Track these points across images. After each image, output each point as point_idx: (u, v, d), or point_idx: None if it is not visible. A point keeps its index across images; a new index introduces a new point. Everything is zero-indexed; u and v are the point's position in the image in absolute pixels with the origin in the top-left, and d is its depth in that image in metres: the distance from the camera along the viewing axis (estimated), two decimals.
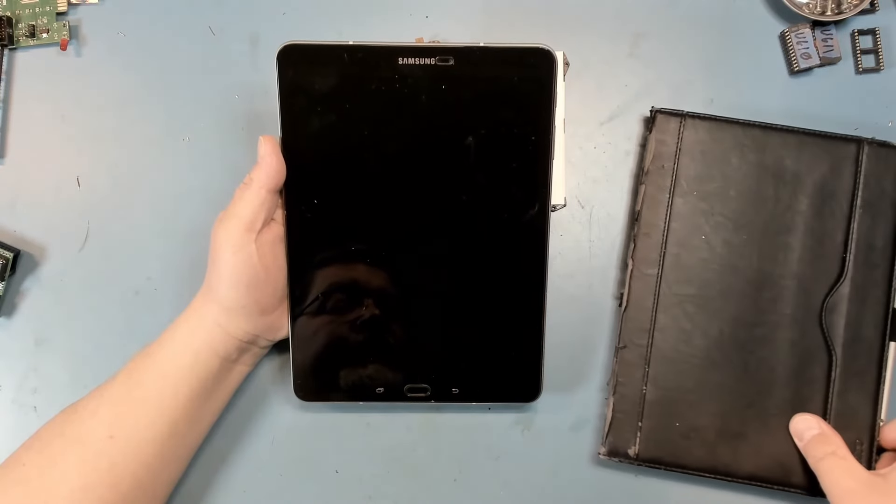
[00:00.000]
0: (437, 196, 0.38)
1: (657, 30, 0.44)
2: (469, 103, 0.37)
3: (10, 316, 0.44)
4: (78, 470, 0.36)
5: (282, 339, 0.40)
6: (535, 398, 0.40)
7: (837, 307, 0.40)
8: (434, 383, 0.40)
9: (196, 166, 0.44)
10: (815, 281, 0.40)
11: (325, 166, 0.38)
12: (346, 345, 0.39)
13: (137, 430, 0.37)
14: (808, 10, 0.43)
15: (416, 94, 0.37)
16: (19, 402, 0.43)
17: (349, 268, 0.39)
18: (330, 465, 0.43)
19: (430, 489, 0.43)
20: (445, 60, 0.36)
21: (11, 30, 0.44)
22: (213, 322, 0.37)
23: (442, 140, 0.37)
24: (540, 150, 0.37)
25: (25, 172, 0.44)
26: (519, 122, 0.37)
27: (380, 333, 0.39)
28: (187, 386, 0.37)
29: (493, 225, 0.38)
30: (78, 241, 0.44)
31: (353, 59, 0.36)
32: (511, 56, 0.36)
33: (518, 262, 0.39)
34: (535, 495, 0.43)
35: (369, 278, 0.39)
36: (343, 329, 0.39)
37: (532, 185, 0.38)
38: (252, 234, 0.36)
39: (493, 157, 0.37)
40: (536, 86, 0.36)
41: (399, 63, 0.36)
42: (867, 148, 0.40)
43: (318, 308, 0.39)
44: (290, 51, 0.36)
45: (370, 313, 0.39)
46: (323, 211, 0.38)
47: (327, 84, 0.37)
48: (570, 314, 0.43)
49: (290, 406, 0.43)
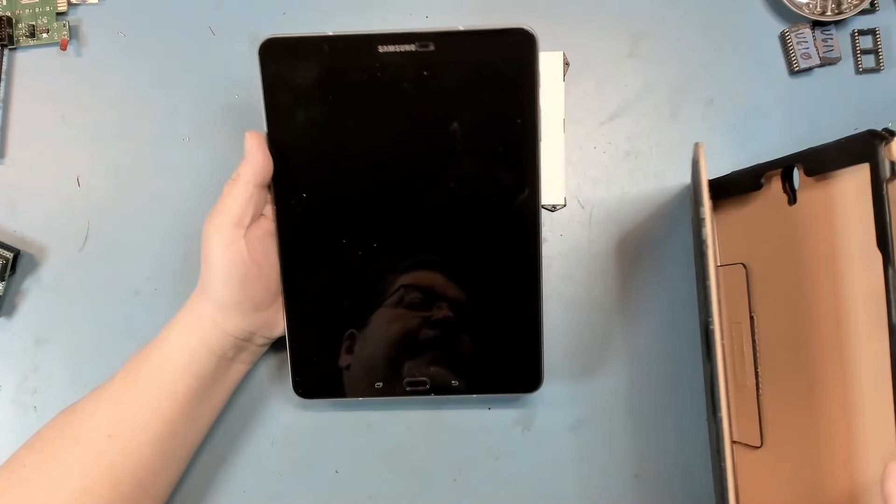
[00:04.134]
0: (425, 184, 0.38)
1: (657, 30, 0.44)
2: (452, 88, 0.36)
3: (10, 316, 0.44)
4: (78, 470, 0.36)
5: (280, 338, 0.40)
6: (536, 388, 0.40)
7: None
8: (433, 376, 0.40)
9: (196, 166, 0.44)
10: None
11: (312, 159, 0.38)
12: (343, 340, 0.39)
13: (136, 429, 0.37)
14: (808, 10, 0.43)
15: (398, 81, 0.36)
16: (19, 402, 0.43)
17: (342, 261, 0.38)
18: (330, 465, 0.43)
19: (430, 489, 0.43)
20: (425, 46, 0.36)
21: (11, 30, 0.44)
22: (209, 320, 0.37)
23: (427, 127, 0.37)
24: (526, 132, 0.37)
25: (25, 172, 0.44)
26: (503, 105, 0.37)
27: (376, 328, 0.39)
28: (184, 385, 0.37)
29: (483, 211, 0.38)
30: (78, 241, 0.44)
31: (333, 50, 0.36)
32: (491, 38, 0.36)
33: (511, 248, 0.38)
34: (535, 495, 0.43)
35: (363, 271, 0.39)
36: (339, 324, 0.39)
37: (521, 169, 0.37)
38: (241, 230, 0.36)
39: (480, 141, 0.37)
40: (518, 67, 0.36)
41: (379, 51, 0.36)
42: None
43: (312, 303, 0.39)
44: (272, 44, 0.36)
45: (365, 307, 0.39)
46: (312, 204, 0.38)
47: (310, 76, 0.36)
48: (571, 314, 0.43)
49: (290, 406, 0.43)
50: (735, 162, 0.42)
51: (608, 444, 0.43)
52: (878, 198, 0.30)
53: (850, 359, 0.32)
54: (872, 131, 0.30)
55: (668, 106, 0.44)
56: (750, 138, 0.43)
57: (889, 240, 0.29)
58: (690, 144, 0.44)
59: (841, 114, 0.44)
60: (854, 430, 0.32)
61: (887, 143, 0.29)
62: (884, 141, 0.29)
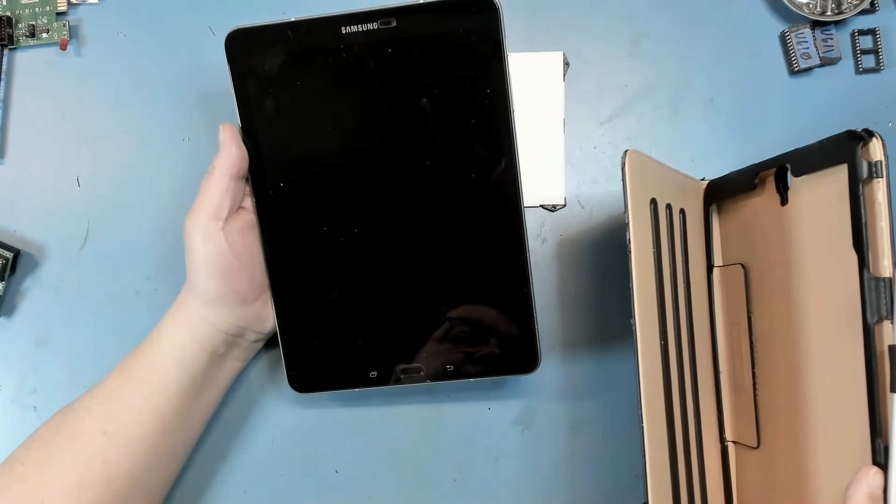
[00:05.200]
0: (402, 163, 0.37)
1: (657, 30, 0.44)
2: (418, 63, 0.36)
3: (10, 316, 0.44)
4: (73, 467, 0.36)
5: (275, 334, 0.40)
6: (534, 369, 0.39)
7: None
8: (427, 362, 0.39)
9: (196, 166, 0.44)
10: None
11: (287, 147, 0.38)
12: (334, 329, 0.39)
13: (129, 425, 0.37)
14: (808, 10, 0.43)
15: (364, 61, 0.36)
16: (19, 402, 0.43)
17: (325, 249, 0.38)
18: (330, 465, 0.43)
19: (430, 489, 0.43)
20: (388, 23, 0.36)
21: (11, 30, 0.44)
22: (197, 316, 0.37)
23: (397, 105, 0.37)
24: (497, 102, 0.36)
25: (25, 172, 0.44)
26: (472, 77, 0.36)
27: (366, 315, 0.39)
28: (176, 381, 0.37)
29: (463, 186, 0.37)
30: (78, 241, 0.44)
31: (297, 35, 0.36)
32: (452, 8, 0.35)
33: (494, 223, 0.38)
34: (535, 495, 0.43)
35: (347, 258, 0.38)
36: (329, 313, 0.39)
37: (496, 141, 0.37)
38: (219, 223, 0.36)
39: (451, 115, 0.37)
40: (483, 36, 0.36)
41: (343, 32, 0.36)
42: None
43: (299, 294, 0.39)
44: (237, 35, 0.36)
45: (353, 294, 0.39)
46: (290, 193, 0.38)
47: (276, 63, 0.37)
48: (571, 314, 0.43)
49: (289, 406, 0.43)
50: (735, 162, 0.42)
51: (608, 444, 0.43)
52: (855, 199, 0.30)
53: (841, 359, 0.32)
54: (851, 132, 0.30)
55: (668, 106, 0.44)
56: (750, 138, 0.43)
57: (864, 241, 0.29)
58: (691, 144, 0.44)
59: (841, 114, 0.44)
60: (848, 430, 0.32)
61: (865, 144, 0.29)
62: (861, 142, 0.29)
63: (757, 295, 0.38)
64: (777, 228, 0.36)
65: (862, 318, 0.29)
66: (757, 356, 0.38)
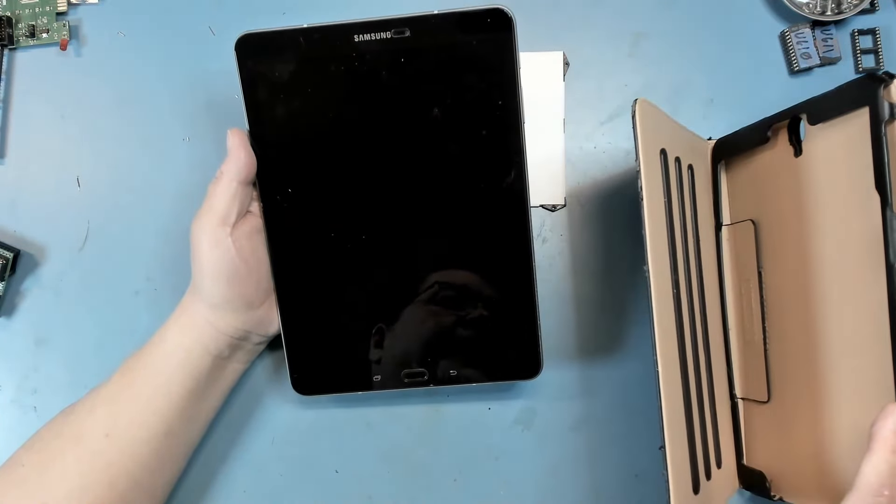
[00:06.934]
0: (411, 172, 0.37)
1: (657, 30, 0.44)
2: (431, 73, 0.36)
3: (10, 316, 0.44)
4: (76, 469, 0.36)
5: (279, 336, 0.40)
6: (536, 375, 0.39)
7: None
8: (431, 367, 0.39)
9: (196, 166, 0.44)
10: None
11: (296, 153, 0.38)
12: (339, 333, 0.39)
13: (132, 428, 0.37)
14: (808, 10, 0.43)
15: (376, 69, 0.36)
16: (19, 402, 0.43)
17: (332, 255, 0.38)
18: (330, 465, 0.43)
19: (430, 489, 0.43)
20: (401, 32, 0.36)
21: (11, 30, 0.44)
22: (203, 319, 0.37)
23: (409, 114, 0.37)
24: (509, 114, 0.37)
25: (25, 172, 0.44)
26: (484, 88, 0.36)
27: (371, 320, 0.39)
28: (180, 384, 0.37)
29: (471, 196, 0.37)
30: (78, 241, 0.44)
31: (309, 42, 0.36)
32: (466, 20, 0.35)
33: (502, 233, 0.38)
34: (535, 495, 0.43)
35: (354, 263, 0.38)
36: (335, 319, 0.39)
37: (505, 152, 0.37)
38: (227, 228, 0.36)
39: (463, 126, 0.37)
40: (496, 48, 0.36)
41: (356, 40, 0.36)
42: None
43: (305, 298, 0.39)
44: (248, 40, 0.36)
45: (359, 300, 0.39)
46: (298, 198, 0.38)
47: (287, 69, 0.36)
48: (572, 314, 0.43)
49: (290, 406, 0.43)
50: None
51: (608, 444, 0.43)
52: (877, 139, 0.30)
53: (860, 302, 0.32)
54: (872, 73, 0.30)
55: (668, 106, 0.44)
56: None
57: (887, 181, 0.29)
58: None
59: None
60: (859, 381, 0.32)
61: (886, 86, 0.29)
62: (882, 83, 0.29)
63: (768, 250, 0.38)
64: (791, 180, 0.36)
65: (886, 258, 0.29)
66: (767, 310, 0.38)
